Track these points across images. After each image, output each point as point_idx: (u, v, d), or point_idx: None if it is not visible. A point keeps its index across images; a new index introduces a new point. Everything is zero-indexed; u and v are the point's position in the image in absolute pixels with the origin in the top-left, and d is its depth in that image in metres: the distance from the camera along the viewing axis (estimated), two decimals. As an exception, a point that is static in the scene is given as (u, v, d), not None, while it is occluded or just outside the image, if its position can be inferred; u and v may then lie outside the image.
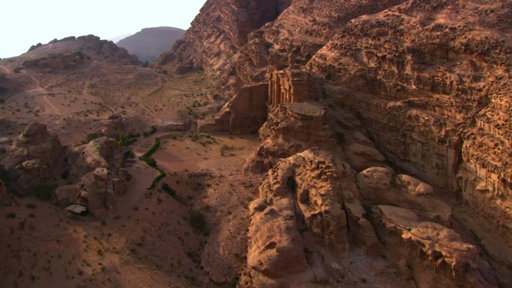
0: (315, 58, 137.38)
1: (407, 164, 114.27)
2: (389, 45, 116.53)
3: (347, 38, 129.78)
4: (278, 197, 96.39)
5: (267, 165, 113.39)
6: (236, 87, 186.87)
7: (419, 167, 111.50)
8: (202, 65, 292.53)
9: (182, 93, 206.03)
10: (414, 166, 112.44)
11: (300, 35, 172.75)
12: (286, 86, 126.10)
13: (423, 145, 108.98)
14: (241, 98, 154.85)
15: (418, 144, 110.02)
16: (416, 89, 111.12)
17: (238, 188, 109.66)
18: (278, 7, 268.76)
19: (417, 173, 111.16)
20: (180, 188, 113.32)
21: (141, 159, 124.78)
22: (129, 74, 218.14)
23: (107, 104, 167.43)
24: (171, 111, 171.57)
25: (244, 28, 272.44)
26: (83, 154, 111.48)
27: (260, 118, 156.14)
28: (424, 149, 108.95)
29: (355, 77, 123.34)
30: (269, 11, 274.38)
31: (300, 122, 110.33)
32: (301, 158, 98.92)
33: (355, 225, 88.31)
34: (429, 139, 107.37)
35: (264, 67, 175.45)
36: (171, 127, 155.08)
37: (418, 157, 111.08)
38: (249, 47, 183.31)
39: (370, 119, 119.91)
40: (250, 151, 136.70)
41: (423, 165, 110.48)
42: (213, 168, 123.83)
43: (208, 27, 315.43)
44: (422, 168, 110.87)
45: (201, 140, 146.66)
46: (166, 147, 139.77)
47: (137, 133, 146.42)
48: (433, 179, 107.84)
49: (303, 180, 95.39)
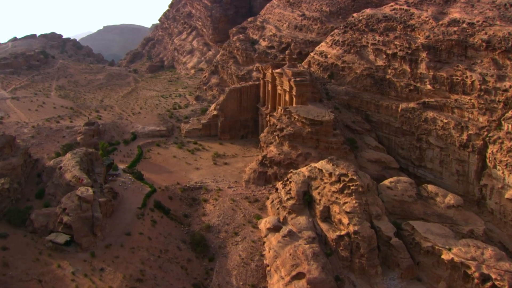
0: (314, 55, 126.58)
1: (422, 171, 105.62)
2: (400, 41, 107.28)
3: (350, 33, 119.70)
4: (294, 215, 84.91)
5: (272, 176, 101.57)
6: (220, 87, 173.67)
7: (436, 174, 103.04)
8: (174, 63, 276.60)
9: (159, 94, 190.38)
10: (431, 172, 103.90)
11: (289, 31, 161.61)
12: (286, 87, 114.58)
13: (441, 150, 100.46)
14: (229, 100, 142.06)
15: (436, 149, 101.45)
16: (431, 89, 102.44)
17: (241, 203, 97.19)
18: (251, 3, 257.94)
19: (433, 180, 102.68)
20: (174, 205, 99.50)
21: (126, 171, 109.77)
22: (98, 74, 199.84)
23: (79, 108, 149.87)
24: (150, 115, 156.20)
25: (219, 24, 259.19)
26: (60, 169, 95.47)
27: (251, 121, 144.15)
28: (443, 154, 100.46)
29: (362, 76, 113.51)
30: (242, 6, 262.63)
31: (308, 128, 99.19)
32: (317, 169, 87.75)
33: (386, 246, 78.25)
34: (448, 144, 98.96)
35: (251, 65, 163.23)
36: (153, 133, 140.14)
37: (435, 163, 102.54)
38: (233, 44, 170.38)
39: (380, 122, 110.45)
40: (244, 159, 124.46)
41: (441, 171, 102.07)
42: (208, 179, 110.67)
43: (179, 24, 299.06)
44: (439, 175, 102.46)
45: (188, 147, 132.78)
46: (150, 156, 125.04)
47: (117, 141, 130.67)
48: (452, 186, 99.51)
49: (322, 195, 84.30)
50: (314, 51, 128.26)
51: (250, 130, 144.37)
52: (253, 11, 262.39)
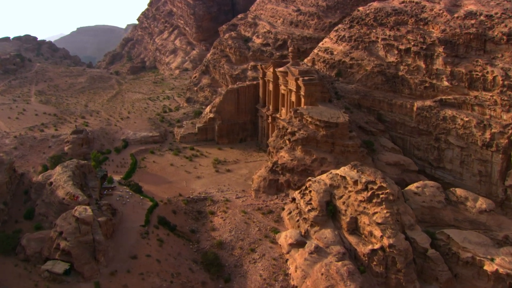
0: (318, 52, 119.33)
1: (440, 172, 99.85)
2: (413, 36, 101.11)
3: (357, 28, 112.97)
4: (317, 227, 77.49)
5: (284, 184, 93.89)
6: (212, 88, 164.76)
7: (455, 175, 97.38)
8: (156, 64, 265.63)
9: (145, 96, 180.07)
10: (450, 174, 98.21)
11: (284, 27, 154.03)
12: (292, 86, 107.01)
13: (462, 150, 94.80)
14: (226, 102, 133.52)
15: (456, 149, 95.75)
16: (449, 86, 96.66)
17: (254, 215, 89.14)
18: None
19: (452, 182, 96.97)
20: (179, 219, 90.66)
21: (121, 183, 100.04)
22: (79, 77, 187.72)
23: (63, 115, 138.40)
24: (140, 119, 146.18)
25: (202, 22, 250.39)
26: (51, 185, 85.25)
27: (249, 124, 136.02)
28: (464, 154, 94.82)
29: (372, 73, 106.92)
30: (225, 3, 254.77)
31: (323, 131, 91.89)
32: (339, 177, 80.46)
33: (421, 258, 71.76)
34: (469, 143, 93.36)
35: (245, 64, 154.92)
36: (146, 139, 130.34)
37: (455, 163, 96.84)
38: (224, 42, 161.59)
39: (394, 122, 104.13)
40: (247, 165, 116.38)
41: (461, 172, 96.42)
42: (212, 189, 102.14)
43: (159, 23, 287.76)
44: (459, 176, 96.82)
45: (185, 154, 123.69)
46: (145, 165, 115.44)
47: (107, 150, 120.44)
48: (473, 187, 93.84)
49: (347, 205, 77.11)
50: (318, 48, 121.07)
51: (249, 133, 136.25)
52: (236, 8, 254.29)
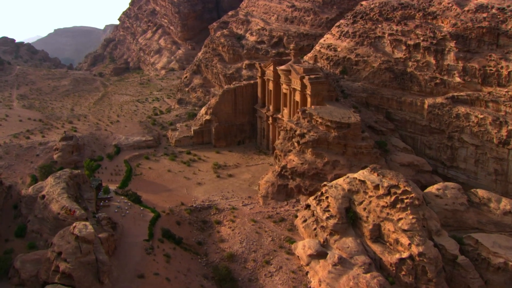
0: (320, 49, 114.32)
1: (453, 172, 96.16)
2: (422, 30, 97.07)
3: (361, 23, 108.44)
4: (337, 236, 72.42)
5: (295, 189, 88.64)
6: (204, 88, 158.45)
7: (469, 174, 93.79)
8: (140, 64, 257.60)
9: (133, 98, 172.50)
10: (464, 173, 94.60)
11: (279, 24, 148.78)
12: (296, 85, 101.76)
13: (476, 148, 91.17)
14: (223, 103, 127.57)
15: (470, 148, 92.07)
16: (461, 82, 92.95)
17: (265, 224, 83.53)
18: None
19: (466, 181, 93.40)
20: (183, 231, 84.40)
21: (118, 193, 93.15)
22: (62, 80, 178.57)
23: (49, 120, 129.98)
24: (130, 123, 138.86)
25: (187, 21, 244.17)
26: (44, 198, 77.87)
27: (247, 125, 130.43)
28: (478, 153, 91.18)
29: (380, 70, 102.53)
30: (208, 1, 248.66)
31: (334, 132, 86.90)
32: (357, 181, 75.53)
33: (450, 265, 67.35)
34: (485, 141, 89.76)
35: (239, 62, 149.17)
36: (139, 144, 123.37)
37: (469, 162, 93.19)
38: (216, 41, 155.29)
39: (404, 120, 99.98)
40: (249, 169, 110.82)
41: (476, 171, 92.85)
42: (215, 196, 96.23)
43: (142, 22, 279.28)
44: (474, 175, 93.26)
45: (182, 159, 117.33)
46: (141, 172, 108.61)
47: (99, 156, 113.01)
48: (489, 186, 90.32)
49: (369, 212, 72.24)
50: (320, 44, 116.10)
51: (247, 135, 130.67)
52: (221, 5, 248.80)
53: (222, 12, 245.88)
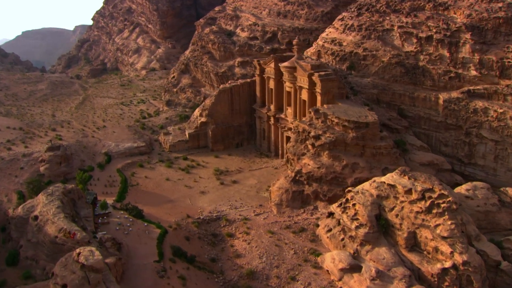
0: (323, 44, 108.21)
1: (471, 169, 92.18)
2: (434, 22, 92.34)
3: (367, 16, 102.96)
4: (369, 246, 66.63)
5: (311, 195, 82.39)
6: (194, 88, 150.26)
7: (488, 171, 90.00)
8: (118, 65, 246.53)
9: (116, 101, 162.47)
10: (482, 170, 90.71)
11: (272, 18, 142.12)
12: (303, 83, 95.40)
13: (496, 144, 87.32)
14: (219, 103, 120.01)
15: (490, 143, 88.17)
16: (477, 75, 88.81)
17: (284, 235, 76.91)
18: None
19: (485, 178, 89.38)
20: (194, 247, 76.89)
21: (116, 208, 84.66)
22: (39, 84, 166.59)
23: (30, 128, 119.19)
24: (118, 128, 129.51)
25: (166, 19, 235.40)
26: (37, 220, 68.85)
27: (245, 127, 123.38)
28: (498, 148, 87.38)
29: (390, 65, 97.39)
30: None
31: (352, 132, 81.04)
32: (386, 185, 69.82)
33: (493, 272, 62.69)
34: (505, 136, 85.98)
35: (231, 60, 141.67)
36: (131, 151, 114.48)
37: (488, 159, 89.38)
38: (205, 38, 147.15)
39: (417, 117, 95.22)
40: (253, 174, 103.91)
41: (495, 168, 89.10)
42: (223, 206, 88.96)
43: (118, 21, 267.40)
44: (493, 171, 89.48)
45: (179, 165, 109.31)
46: (137, 181, 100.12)
47: (89, 166, 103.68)
48: (509, 183, 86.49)
49: (402, 218, 66.67)
50: (322, 39, 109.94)
51: (245, 136, 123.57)
52: (199, 2, 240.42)
53: (200, 9, 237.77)
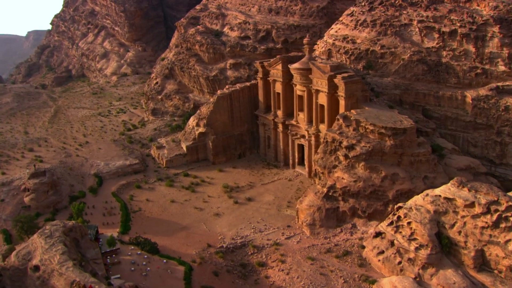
0: (334, 42, 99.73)
1: (502, 170, 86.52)
2: (458, 15, 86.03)
3: (381, 10, 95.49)
4: (432, 269, 59.12)
5: (348, 212, 73.86)
6: (181, 94, 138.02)
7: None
8: (85, 71, 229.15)
9: (93, 112, 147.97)
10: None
11: (263, 16, 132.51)
12: (321, 86, 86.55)
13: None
14: (218, 111, 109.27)
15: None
16: (506, 70, 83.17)
17: (326, 261, 67.92)
18: None
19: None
20: (224, 283, 66.59)
21: (124, 242, 72.91)
22: (3, 97, 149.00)
23: (3, 150, 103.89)
24: (103, 144, 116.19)
25: (135, 20, 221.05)
26: (38, 271, 56.44)
27: (247, 135, 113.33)
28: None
29: (411, 62, 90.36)
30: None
31: (390, 140, 73.08)
32: (442, 199, 62.41)
33: None
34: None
35: (221, 62, 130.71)
36: (124, 170, 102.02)
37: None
38: (191, 39, 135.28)
39: (444, 117, 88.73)
40: (268, 188, 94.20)
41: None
42: (245, 230, 78.90)
43: (81, 25, 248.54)
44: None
45: (181, 183, 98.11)
46: (139, 206, 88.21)
47: (80, 192, 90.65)
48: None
49: (466, 235, 59.41)
50: (332, 37, 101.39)
51: (247, 146, 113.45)
52: (166, 1, 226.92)
53: (167, 8, 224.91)
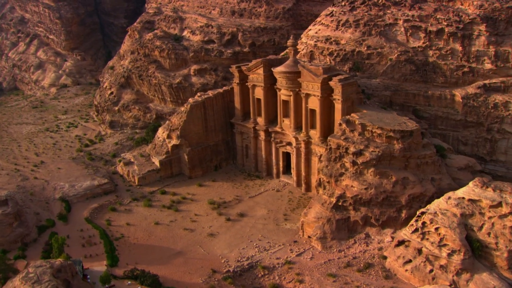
0: (316, 43, 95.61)
1: (491, 166, 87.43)
2: (444, 14, 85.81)
3: (364, 10, 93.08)
4: (467, 274, 56.69)
5: (360, 222, 69.56)
6: (140, 104, 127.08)
7: (509, 166, 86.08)
8: (17, 83, 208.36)
9: (39, 127, 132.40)
10: (503, 166, 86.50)
11: (226, 18, 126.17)
12: (312, 90, 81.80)
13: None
14: (192, 121, 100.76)
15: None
16: (492, 68, 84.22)
17: (349, 276, 62.83)
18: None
19: (505, 174, 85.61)
20: (241, 312, 59.24)
21: (117, 276, 62.84)
22: None
23: None
24: (62, 162, 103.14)
25: (72, 27, 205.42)
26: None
27: (222, 145, 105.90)
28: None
29: (399, 63, 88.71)
30: (87, 3, 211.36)
31: (398, 143, 69.99)
32: (466, 201, 60.08)
33: None
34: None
35: (184, 68, 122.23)
36: (93, 191, 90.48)
37: (510, 153, 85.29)
38: (149, 44, 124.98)
39: (434, 116, 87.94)
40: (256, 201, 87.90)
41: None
42: (248, 249, 71.90)
43: (9, 34, 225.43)
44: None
45: (161, 202, 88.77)
46: (121, 232, 77.80)
47: (48, 220, 78.18)
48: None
49: (496, 236, 57.44)
50: (312, 38, 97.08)
51: (223, 156, 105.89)
52: (102, 7, 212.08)
53: (103, 15, 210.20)
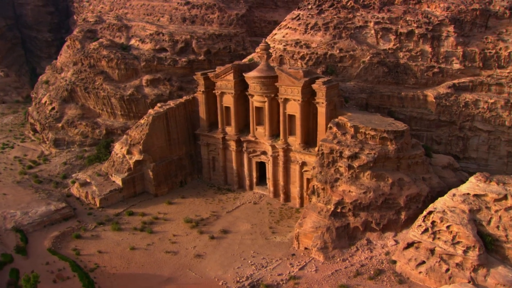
0: (286, 48, 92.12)
1: (463, 164, 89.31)
2: (413, 16, 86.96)
3: (332, 13, 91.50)
4: (484, 269, 55.89)
5: (361, 227, 66.54)
6: (87, 120, 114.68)
7: (480, 162, 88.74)
8: None
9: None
10: (475, 162, 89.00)
11: (178, 26, 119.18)
12: (292, 95, 77.92)
13: (489, 134, 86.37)
14: (154, 134, 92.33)
15: (483, 135, 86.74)
16: (460, 68, 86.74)
17: (361, 285, 59.12)
18: (18, 10, 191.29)
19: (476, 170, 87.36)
20: None
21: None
22: None
23: None
24: (7, 188, 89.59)
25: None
26: None
27: (186, 159, 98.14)
28: (491, 138, 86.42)
29: (372, 65, 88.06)
30: (7, 16, 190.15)
31: (392, 144, 68.39)
32: (471, 197, 59.57)
33: None
34: (497, 126, 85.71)
35: (135, 79, 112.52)
36: (50, 218, 78.73)
37: (481, 150, 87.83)
38: (95, 54, 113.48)
39: (409, 117, 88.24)
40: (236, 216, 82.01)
41: (487, 158, 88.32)
42: (245, 268, 65.82)
43: None
44: (484, 162, 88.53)
45: (130, 224, 79.55)
46: (95, 262, 67.87)
47: (5, 255, 65.66)
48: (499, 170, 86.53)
49: (505, 229, 57.42)
50: (279, 42, 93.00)
51: (187, 171, 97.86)
52: (23, 20, 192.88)
53: (25, 29, 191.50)
